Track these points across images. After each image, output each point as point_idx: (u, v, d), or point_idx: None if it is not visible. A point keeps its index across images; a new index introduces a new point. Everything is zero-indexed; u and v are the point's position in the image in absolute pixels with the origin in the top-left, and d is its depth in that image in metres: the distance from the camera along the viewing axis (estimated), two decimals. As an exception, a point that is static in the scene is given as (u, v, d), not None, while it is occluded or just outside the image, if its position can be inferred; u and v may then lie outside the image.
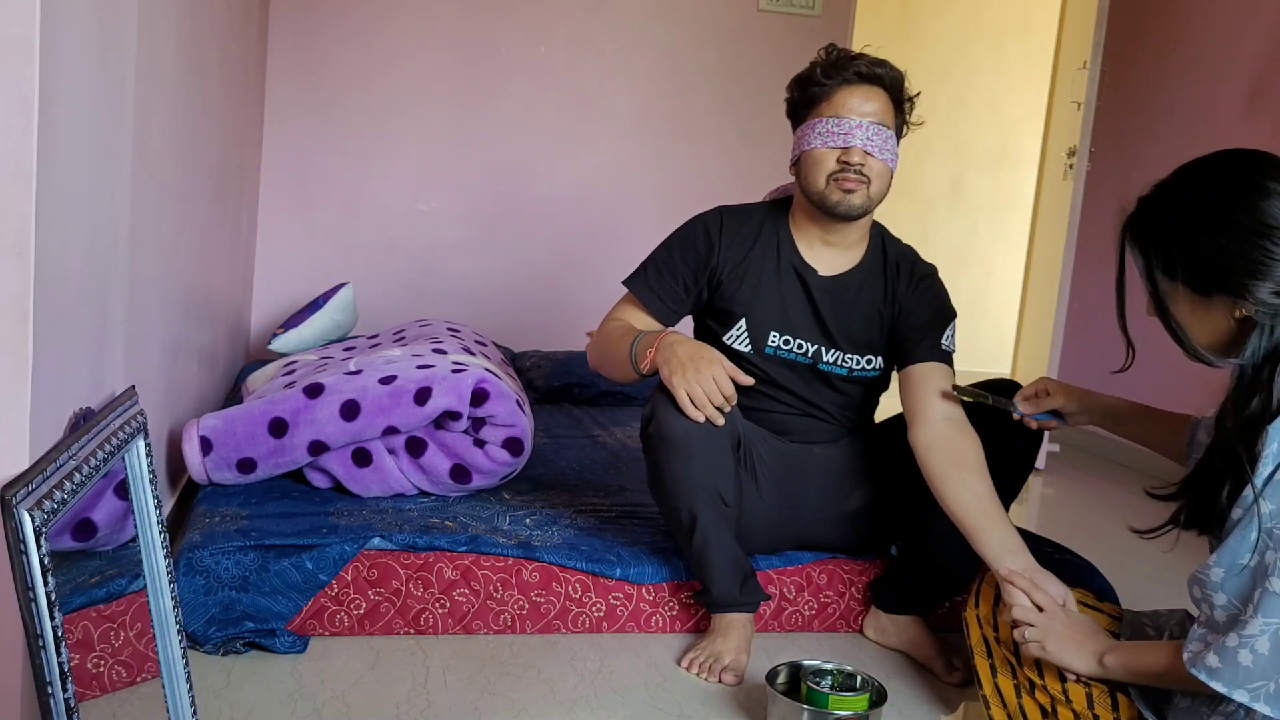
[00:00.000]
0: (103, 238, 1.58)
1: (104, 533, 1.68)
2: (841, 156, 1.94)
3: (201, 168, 2.55)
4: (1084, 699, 1.54)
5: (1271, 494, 1.29)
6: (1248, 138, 3.69)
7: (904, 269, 2.09)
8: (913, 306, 2.05)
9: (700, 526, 1.92)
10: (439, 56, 4.09)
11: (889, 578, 2.13)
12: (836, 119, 1.94)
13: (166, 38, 2.02)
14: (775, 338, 2.04)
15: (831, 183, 1.95)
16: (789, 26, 4.31)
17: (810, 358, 2.05)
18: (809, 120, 1.98)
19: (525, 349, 3.88)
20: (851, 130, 1.94)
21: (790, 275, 2.05)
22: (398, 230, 4.13)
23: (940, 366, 1.98)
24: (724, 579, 1.96)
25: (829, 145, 1.95)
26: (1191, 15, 4.11)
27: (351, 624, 1.98)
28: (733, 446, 1.97)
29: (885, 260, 2.10)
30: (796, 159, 2.02)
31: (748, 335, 2.04)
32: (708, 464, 1.89)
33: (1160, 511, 1.52)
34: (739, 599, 1.97)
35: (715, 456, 1.90)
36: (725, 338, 2.05)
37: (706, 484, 1.90)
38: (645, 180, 4.26)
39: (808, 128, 1.98)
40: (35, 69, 1.20)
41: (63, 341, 1.38)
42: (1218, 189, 1.40)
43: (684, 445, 1.87)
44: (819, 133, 1.96)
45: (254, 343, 3.99)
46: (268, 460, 2.22)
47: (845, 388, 2.09)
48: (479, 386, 2.27)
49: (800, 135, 2.00)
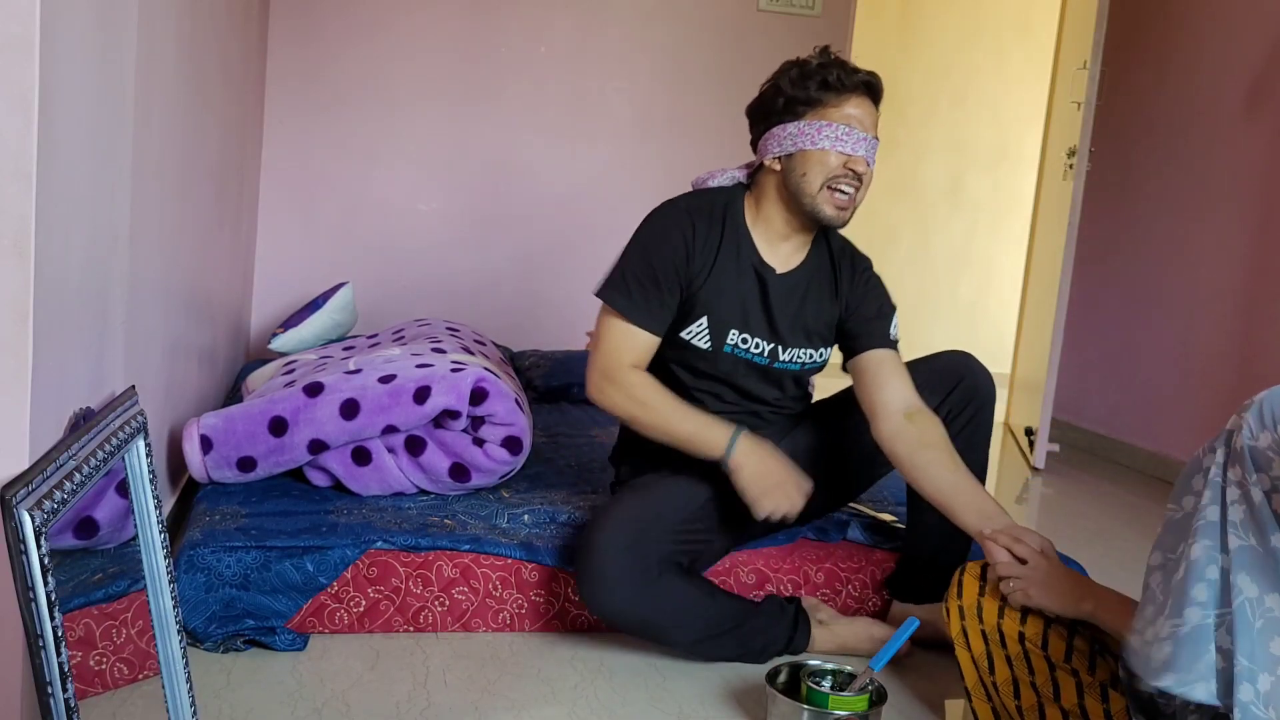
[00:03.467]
0: (103, 238, 1.59)
1: (106, 531, 1.69)
2: (849, 163, 1.94)
3: (201, 168, 2.55)
4: (1074, 691, 1.54)
5: None
6: (1248, 138, 3.69)
7: (846, 262, 2.11)
8: (858, 300, 2.08)
9: (706, 646, 1.93)
10: (439, 56, 4.09)
11: (902, 571, 2.14)
12: (848, 127, 1.93)
13: (166, 38, 2.02)
14: (734, 335, 2.03)
15: (826, 189, 1.95)
16: (789, 26, 4.31)
17: (766, 356, 2.05)
18: (812, 120, 1.95)
19: (524, 348, 3.88)
20: (860, 140, 1.94)
21: (750, 275, 2.04)
22: (398, 230, 4.13)
23: (890, 354, 2.03)
24: (770, 640, 1.97)
25: (840, 150, 1.93)
26: (1191, 15, 4.11)
27: (351, 621, 1.98)
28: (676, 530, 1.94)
29: (830, 252, 2.11)
30: (788, 154, 1.97)
31: (708, 333, 2.02)
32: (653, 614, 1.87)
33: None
34: (793, 637, 1.99)
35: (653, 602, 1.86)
36: (684, 333, 2.03)
37: (670, 624, 1.88)
38: (645, 180, 4.26)
39: (812, 128, 1.94)
40: (35, 69, 1.20)
41: (63, 341, 1.38)
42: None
43: (618, 620, 1.88)
44: (829, 135, 1.93)
45: (254, 342, 3.99)
46: (268, 459, 2.22)
47: (789, 383, 2.11)
48: (478, 385, 2.27)
49: (800, 133, 1.95)
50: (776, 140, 1.99)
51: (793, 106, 1.98)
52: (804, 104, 1.97)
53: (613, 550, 1.83)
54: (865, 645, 2.01)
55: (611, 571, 1.82)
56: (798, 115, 1.97)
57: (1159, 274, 4.10)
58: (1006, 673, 1.61)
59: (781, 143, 1.98)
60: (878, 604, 2.18)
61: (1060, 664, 1.56)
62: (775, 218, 2.04)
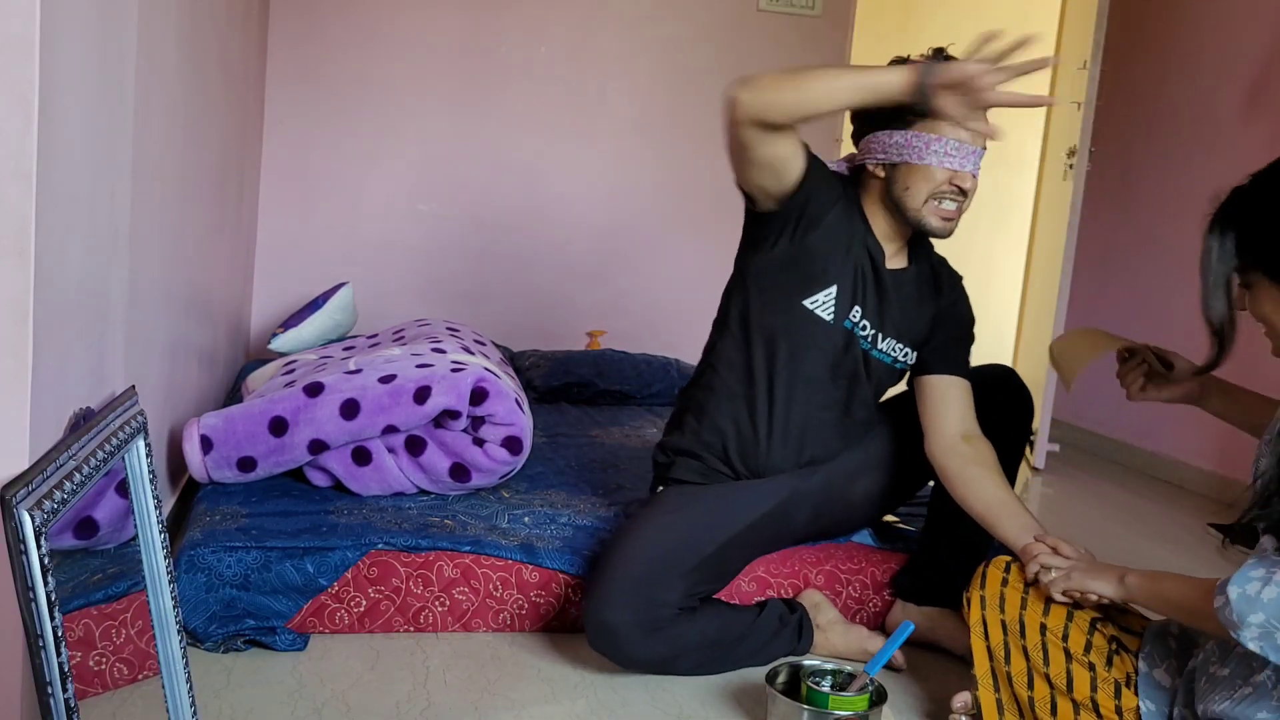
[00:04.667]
0: (103, 238, 1.58)
1: (106, 531, 1.69)
2: (955, 180, 1.88)
3: (201, 168, 2.55)
4: (1087, 684, 1.54)
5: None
6: (1248, 138, 3.69)
7: (945, 275, 2.09)
8: (948, 317, 2.06)
9: (710, 667, 1.92)
10: (439, 56, 4.09)
11: (916, 570, 2.13)
12: (957, 141, 1.86)
13: (166, 38, 2.02)
14: (856, 313, 1.98)
15: (931, 202, 1.90)
16: (789, 26, 4.31)
17: (870, 341, 2.01)
18: (920, 132, 1.87)
19: (524, 348, 3.88)
20: (969, 155, 1.88)
21: (864, 256, 1.98)
22: (398, 230, 4.13)
23: (962, 383, 2.01)
24: (774, 651, 1.97)
25: (947, 166, 1.87)
26: (1191, 15, 4.11)
27: (352, 621, 1.98)
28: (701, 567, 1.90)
29: (932, 264, 2.08)
30: (892, 164, 1.91)
31: (834, 305, 1.96)
32: (660, 654, 1.85)
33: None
34: (796, 647, 1.99)
35: (660, 647, 1.84)
36: (808, 300, 1.95)
37: (676, 657, 1.87)
38: (645, 180, 4.26)
39: (920, 140, 1.86)
40: (35, 69, 1.20)
41: (63, 341, 1.38)
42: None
43: (624, 665, 1.86)
44: (936, 151, 1.86)
45: (254, 342, 3.99)
46: (268, 459, 2.22)
47: (881, 377, 2.07)
48: (478, 385, 2.27)
49: (907, 144, 1.87)
50: (881, 146, 1.92)
51: (901, 115, 1.87)
52: (914, 113, 1.86)
53: (619, 609, 1.80)
54: (857, 657, 2.00)
55: (618, 629, 1.80)
56: (906, 124, 1.88)
57: (1159, 274, 4.10)
58: (1022, 663, 1.61)
59: (886, 150, 1.91)
60: (878, 605, 2.18)
61: (1078, 657, 1.57)
62: (879, 221, 1.99)
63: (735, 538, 1.96)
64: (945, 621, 2.06)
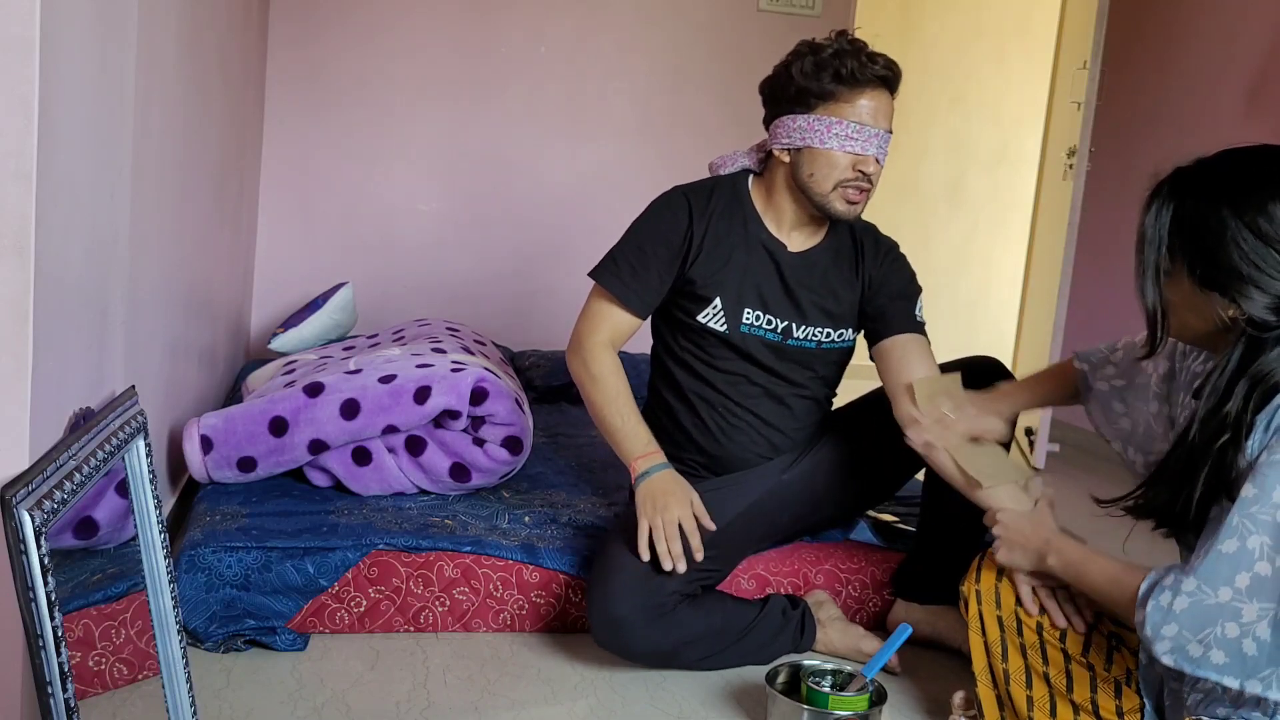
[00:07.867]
0: (103, 238, 1.58)
1: (105, 531, 1.68)
2: (858, 165, 1.90)
3: (201, 168, 2.55)
4: (1088, 685, 1.53)
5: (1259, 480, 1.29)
6: (1248, 137, 3.67)
7: (869, 242, 2.09)
8: (883, 278, 2.06)
9: (713, 661, 1.92)
10: (439, 56, 4.09)
11: (913, 568, 2.13)
12: (859, 125, 1.88)
13: (166, 38, 2.02)
14: (749, 314, 2.01)
15: (838, 189, 1.92)
16: (789, 26, 4.31)
17: (780, 334, 2.02)
18: (821, 116, 1.90)
19: (524, 349, 3.88)
20: (870, 139, 1.89)
21: (759, 251, 2.01)
22: (398, 230, 4.13)
23: (918, 339, 2.00)
24: (777, 647, 1.97)
25: (848, 151, 1.90)
26: (1191, 15, 4.11)
27: (352, 621, 1.98)
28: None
29: (852, 231, 2.08)
30: (796, 149, 1.94)
31: (723, 314, 2.01)
32: (664, 646, 1.86)
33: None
34: (799, 643, 2.00)
35: (663, 637, 1.85)
36: (700, 317, 2.01)
37: (679, 649, 1.87)
38: (645, 180, 4.24)
39: (821, 124, 1.89)
40: (35, 69, 1.20)
41: (63, 341, 1.38)
42: (1252, 184, 1.36)
43: (628, 658, 1.87)
44: (837, 135, 1.88)
45: (254, 342, 3.98)
46: (268, 459, 2.22)
47: (817, 364, 2.08)
48: (478, 385, 2.27)
49: (809, 128, 1.90)
50: (786, 130, 1.94)
51: (804, 97, 1.91)
52: (816, 96, 1.90)
53: (624, 599, 1.81)
54: (852, 656, 2.01)
55: (624, 621, 1.81)
56: (809, 107, 1.91)
57: (1159, 274, 4.10)
58: (1019, 661, 1.60)
59: (790, 134, 1.93)
60: (878, 604, 2.18)
61: (1077, 657, 1.56)
62: (786, 206, 2.01)
63: (727, 525, 1.97)
64: (945, 618, 2.06)
